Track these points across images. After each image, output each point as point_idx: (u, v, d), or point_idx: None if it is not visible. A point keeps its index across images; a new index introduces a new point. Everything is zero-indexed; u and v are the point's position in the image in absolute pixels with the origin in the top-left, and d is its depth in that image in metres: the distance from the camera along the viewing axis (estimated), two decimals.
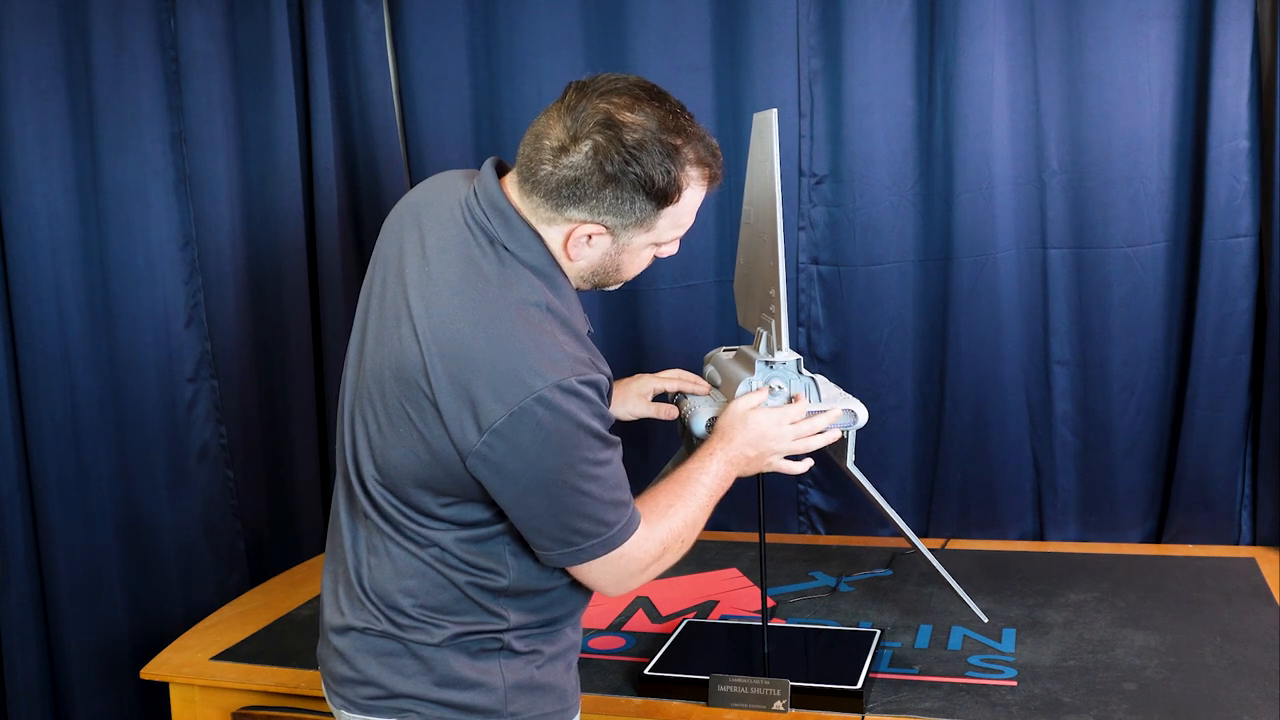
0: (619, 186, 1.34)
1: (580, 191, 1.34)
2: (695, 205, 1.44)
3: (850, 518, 2.73)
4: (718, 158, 1.42)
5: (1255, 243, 2.38)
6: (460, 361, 1.31)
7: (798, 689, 1.80)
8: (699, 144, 1.38)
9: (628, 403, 1.89)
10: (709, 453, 1.54)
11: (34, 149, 2.53)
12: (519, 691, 1.44)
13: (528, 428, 1.29)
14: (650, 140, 1.33)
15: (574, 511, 1.34)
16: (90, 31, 2.57)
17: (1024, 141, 2.48)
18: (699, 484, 1.50)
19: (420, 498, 1.39)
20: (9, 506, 2.55)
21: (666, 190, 1.36)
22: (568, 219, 1.37)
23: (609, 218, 1.37)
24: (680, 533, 1.46)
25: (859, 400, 1.74)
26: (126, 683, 2.67)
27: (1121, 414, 2.51)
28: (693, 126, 1.38)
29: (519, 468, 1.31)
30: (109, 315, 2.64)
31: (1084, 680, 1.84)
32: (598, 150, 1.32)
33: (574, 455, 1.31)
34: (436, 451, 1.34)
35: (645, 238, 1.41)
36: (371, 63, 2.80)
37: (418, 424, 1.34)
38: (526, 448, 1.30)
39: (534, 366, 1.29)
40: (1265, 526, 2.45)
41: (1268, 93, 2.34)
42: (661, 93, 1.38)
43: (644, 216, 1.38)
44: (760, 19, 2.57)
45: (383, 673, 1.44)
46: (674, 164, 1.35)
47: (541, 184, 1.36)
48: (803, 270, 2.65)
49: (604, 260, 1.42)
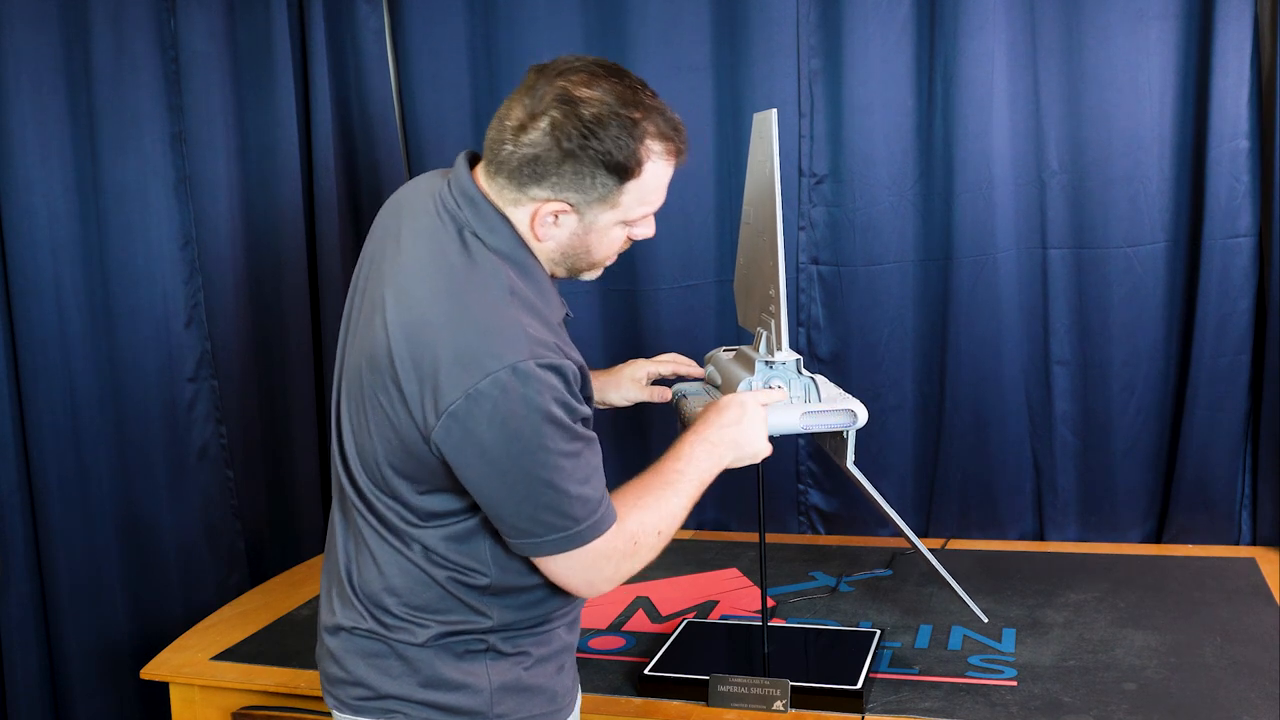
0: (578, 162, 1.34)
1: (541, 169, 1.35)
2: (662, 182, 1.42)
3: (850, 518, 2.73)
4: (680, 132, 1.41)
5: (1255, 243, 2.38)
6: (422, 345, 1.31)
7: (798, 689, 1.80)
8: (659, 118, 1.37)
9: (622, 388, 1.89)
10: (683, 442, 1.52)
11: (34, 149, 2.53)
12: (505, 693, 1.44)
13: (483, 409, 1.28)
14: (608, 114, 1.33)
15: (534, 501, 1.32)
16: (90, 31, 2.57)
17: (1024, 141, 2.48)
18: (673, 474, 1.47)
19: (398, 486, 1.39)
20: (9, 506, 2.55)
21: (626, 164, 1.35)
22: (532, 198, 1.37)
23: (571, 194, 1.36)
24: (656, 525, 1.43)
25: (859, 400, 1.74)
26: (126, 683, 2.67)
27: (1121, 414, 2.51)
28: (652, 101, 1.38)
29: (476, 450, 1.30)
30: (109, 315, 2.64)
31: (1084, 680, 1.84)
32: (555, 126, 1.33)
33: (533, 442, 1.29)
34: (404, 436, 1.34)
35: (612, 215, 1.40)
36: (371, 62, 2.80)
37: (387, 410, 1.35)
38: (483, 430, 1.29)
39: (492, 349, 1.29)
40: (1265, 526, 2.45)
41: (1268, 93, 2.34)
42: (620, 69, 1.38)
43: (606, 192, 1.37)
44: (760, 19, 2.57)
45: (370, 673, 1.44)
46: (632, 138, 1.34)
47: (504, 164, 1.37)
48: (803, 270, 2.65)
49: (573, 240, 1.42)
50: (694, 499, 1.49)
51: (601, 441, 1.53)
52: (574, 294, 2.73)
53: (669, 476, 1.47)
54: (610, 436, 2.75)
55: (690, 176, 2.66)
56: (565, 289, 2.74)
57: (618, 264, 2.72)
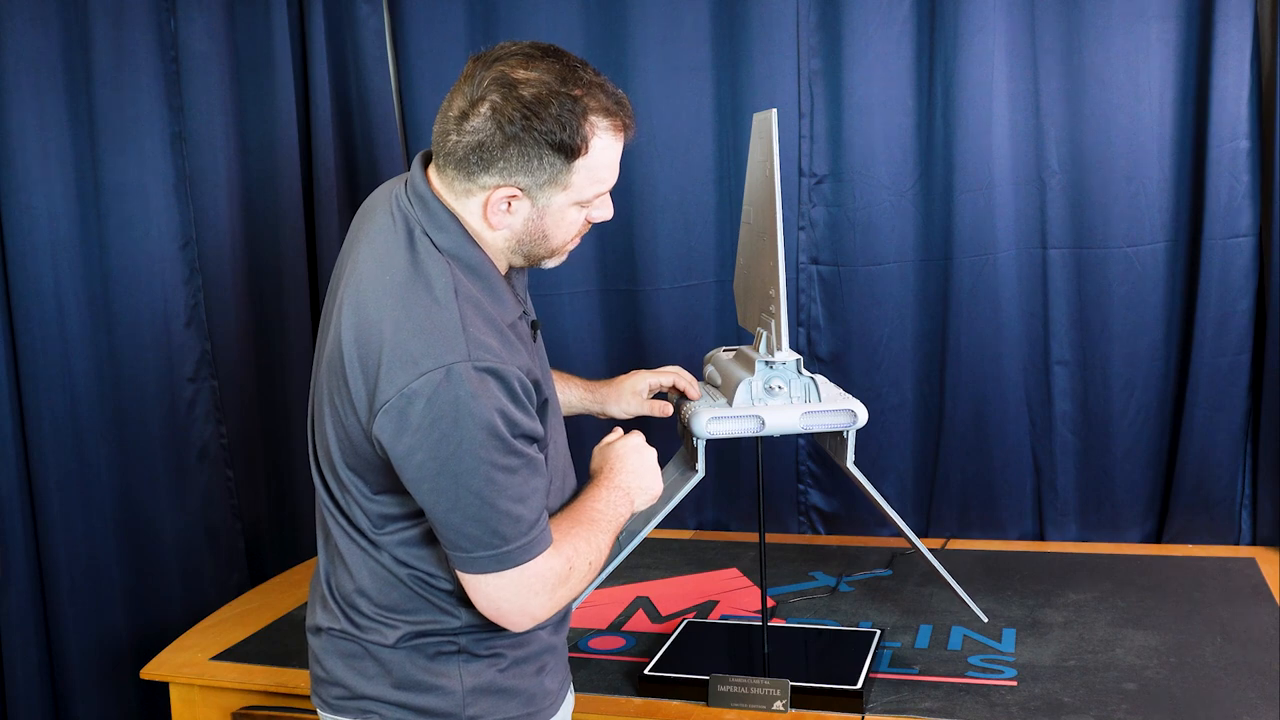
0: (522, 144, 1.32)
1: (487, 155, 1.33)
2: (612, 159, 1.39)
3: (850, 518, 2.73)
4: (624, 106, 1.38)
5: (1255, 243, 2.38)
6: (367, 345, 1.31)
7: (798, 689, 1.80)
8: (600, 93, 1.35)
9: (623, 400, 1.88)
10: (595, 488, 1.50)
11: (34, 149, 2.53)
12: (478, 695, 1.43)
13: (415, 408, 1.27)
14: (548, 94, 1.31)
15: (462, 511, 1.30)
16: (90, 31, 2.57)
17: (1024, 141, 2.48)
18: (595, 513, 1.45)
19: (354, 485, 1.39)
20: (9, 506, 2.55)
21: (572, 142, 1.33)
22: (482, 186, 1.36)
23: (520, 178, 1.34)
24: (587, 555, 1.40)
25: (859, 400, 1.74)
26: (126, 683, 2.67)
27: (1121, 414, 2.51)
28: (594, 78, 1.36)
29: (407, 449, 1.29)
30: (109, 315, 2.64)
31: (1084, 680, 1.84)
32: (495, 110, 1.31)
33: (462, 446, 1.27)
34: (353, 436, 1.35)
35: (565, 196, 1.38)
36: (371, 63, 2.80)
37: (340, 410, 1.36)
38: (414, 429, 1.28)
39: (429, 349, 1.28)
40: (1265, 526, 2.45)
41: (1268, 93, 2.34)
42: (558, 50, 1.36)
43: (555, 173, 1.35)
44: (760, 19, 2.57)
45: (348, 674, 1.45)
46: (575, 115, 1.32)
47: (451, 155, 1.36)
48: (803, 270, 2.65)
49: (528, 227, 1.39)
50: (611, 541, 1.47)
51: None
52: (574, 294, 2.75)
53: (594, 516, 1.45)
54: None
55: (690, 176, 2.67)
56: (563, 289, 2.76)
57: (618, 264, 2.75)
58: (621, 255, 2.73)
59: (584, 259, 2.74)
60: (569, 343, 2.74)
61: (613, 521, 1.47)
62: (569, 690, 1.60)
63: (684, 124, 2.65)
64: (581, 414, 1.91)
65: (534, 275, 1.74)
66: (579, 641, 2.11)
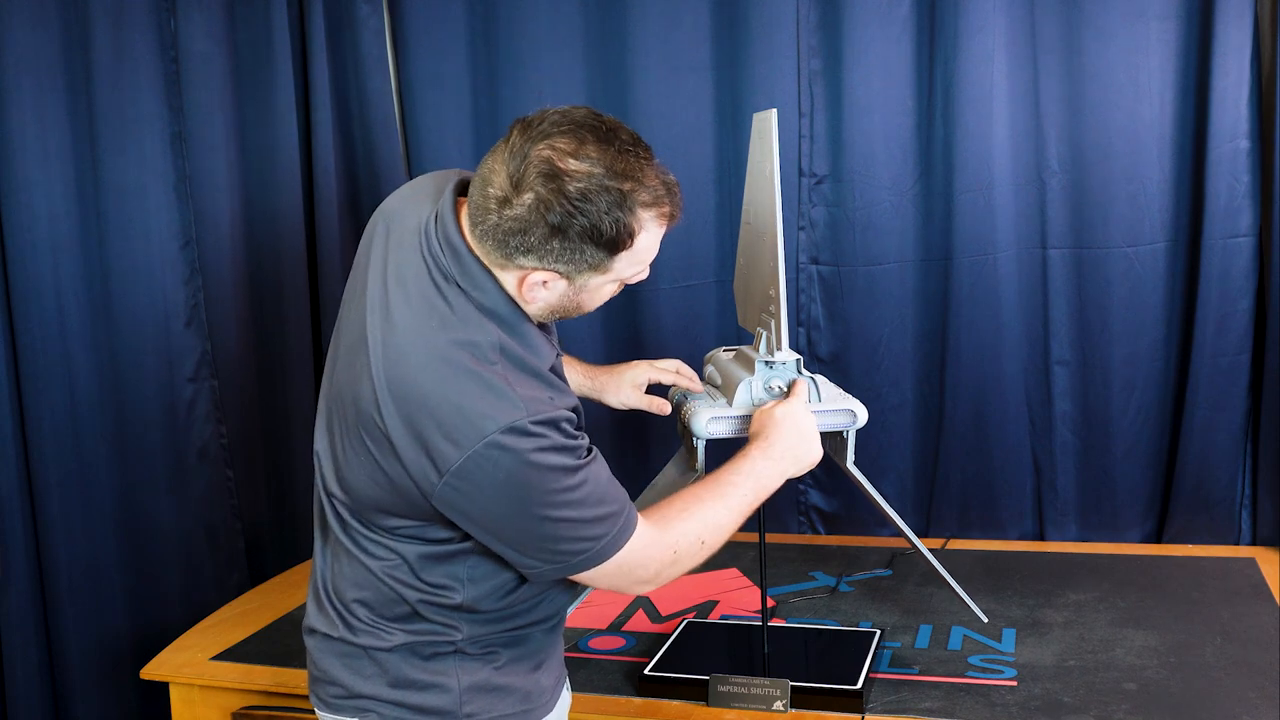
0: (565, 238, 1.28)
1: (527, 242, 1.29)
2: (654, 244, 1.36)
3: (850, 518, 2.73)
4: (675, 195, 1.34)
5: (1255, 243, 2.38)
6: (411, 402, 1.30)
7: (798, 689, 1.80)
8: (652, 184, 1.30)
9: (621, 391, 1.89)
10: (743, 455, 1.53)
11: (34, 149, 2.53)
12: (475, 692, 1.44)
13: (485, 471, 1.27)
14: (595, 189, 1.26)
15: (553, 537, 1.33)
16: (90, 31, 2.57)
17: (1024, 141, 2.47)
18: (728, 485, 1.48)
19: (384, 520, 1.39)
20: (9, 506, 2.55)
21: (616, 239, 1.29)
22: (519, 266, 1.33)
23: (560, 265, 1.31)
24: (699, 534, 1.44)
25: (859, 400, 1.74)
26: (126, 683, 2.67)
27: (1121, 414, 2.51)
28: (645, 166, 1.30)
29: (485, 507, 1.31)
30: (109, 315, 2.64)
31: (1084, 680, 1.84)
32: (540, 202, 1.26)
33: (539, 491, 1.29)
34: (398, 486, 1.33)
35: (603, 279, 1.36)
36: (371, 63, 2.80)
37: (376, 456, 1.34)
38: (488, 489, 1.29)
39: (484, 410, 1.27)
40: (1265, 526, 2.45)
41: (1268, 93, 2.34)
42: (611, 130, 1.30)
43: (597, 262, 1.32)
44: (760, 19, 2.57)
45: (344, 673, 1.46)
46: (623, 210, 1.28)
47: (490, 233, 1.31)
48: (803, 270, 2.65)
49: (563, 301, 1.38)
50: (747, 510, 1.50)
51: (600, 447, 1.53)
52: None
53: (723, 488, 1.48)
54: (609, 442, 2.76)
55: (690, 176, 2.66)
56: None
57: None
58: None
59: None
60: (569, 342, 2.72)
61: (750, 491, 1.50)
62: (565, 687, 1.60)
63: (684, 124, 2.65)
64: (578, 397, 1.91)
65: None
66: (579, 641, 2.11)
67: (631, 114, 2.65)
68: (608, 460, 1.43)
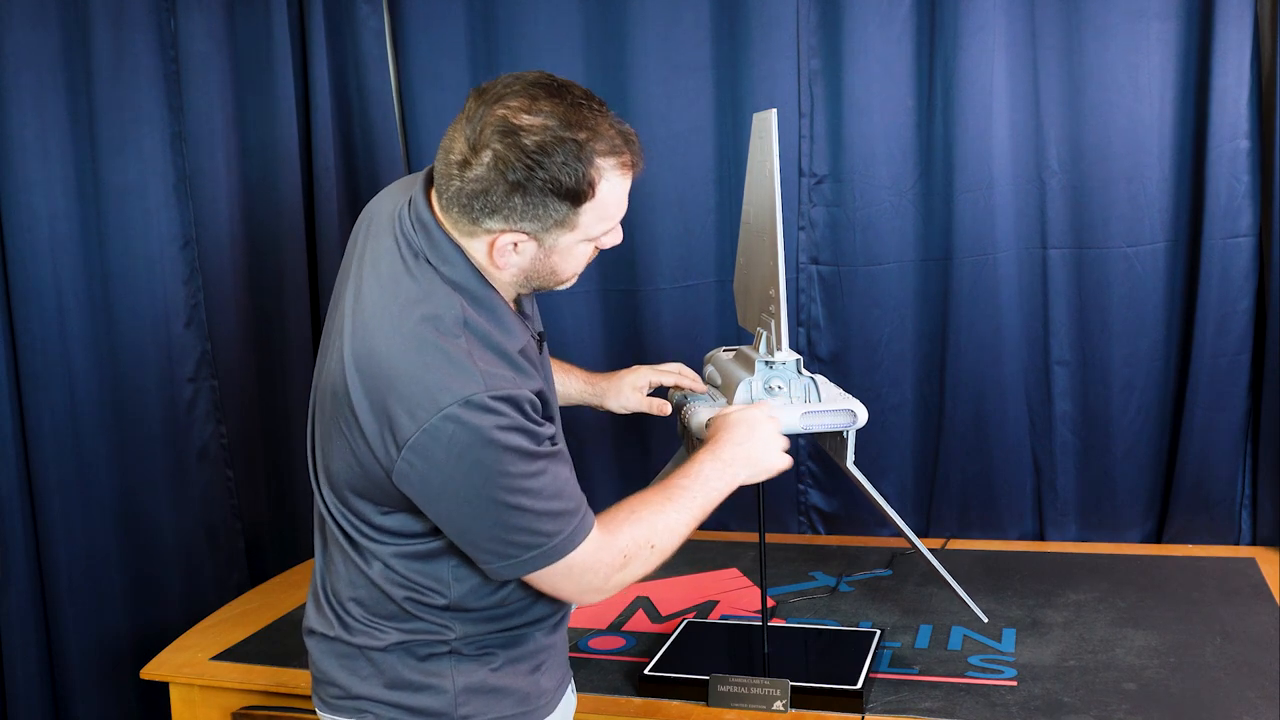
0: (527, 193, 1.29)
1: (491, 203, 1.31)
2: (620, 196, 1.37)
3: (850, 518, 2.73)
4: (631, 143, 1.35)
5: (1255, 243, 2.38)
6: (375, 378, 1.31)
7: (798, 689, 1.80)
8: (606, 131, 1.32)
9: (622, 395, 1.88)
10: (696, 459, 1.52)
11: (34, 149, 2.54)
12: (470, 694, 1.44)
13: (440, 445, 1.27)
14: (551, 142, 1.28)
15: (505, 525, 1.32)
16: (90, 31, 2.57)
17: (1024, 141, 2.47)
18: (676, 489, 1.47)
19: (361, 506, 1.39)
20: (9, 506, 2.55)
21: (578, 189, 1.30)
22: (486, 230, 1.34)
23: (526, 224, 1.32)
24: (648, 538, 1.42)
25: (859, 400, 1.74)
26: (126, 683, 2.67)
27: (1121, 414, 2.51)
28: (599, 117, 1.32)
29: (440, 484, 1.30)
30: (109, 315, 2.64)
31: (1084, 680, 1.84)
32: (498, 159, 1.28)
33: (493, 471, 1.28)
34: (365, 465, 1.34)
35: (572, 236, 1.36)
36: (371, 62, 2.80)
37: (348, 437, 1.35)
38: (443, 465, 1.28)
39: (444, 383, 1.27)
40: (1265, 526, 2.45)
41: (1268, 93, 2.34)
42: (563, 85, 1.32)
43: (562, 217, 1.33)
44: (760, 19, 2.57)
45: (341, 674, 1.46)
46: (581, 160, 1.29)
47: (454, 200, 1.33)
48: (803, 270, 2.65)
49: (535, 265, 1.38)
50: (699, 514, 1.48)
51: (601, 449, 1.53)
52: (573, 294, 2.74)
53: (672, 492, 1.46)
54: (610, 445, 2.74)
55: (690, 176, 2.67)
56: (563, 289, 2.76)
57: (618, 264, 2.75)
58: (621, 255, 2.73)
59: None
60: (569, 343, 2.74)
61: (700, 497, 1.47)
62: (569, 688, 1.60)
63: (684, 124, 2.65)
64: (579, 405, 1.91)
65: None
66: (579, 642, 2.11)
67: (631, 114, 2.65)
68: (608, 460, 1.43)
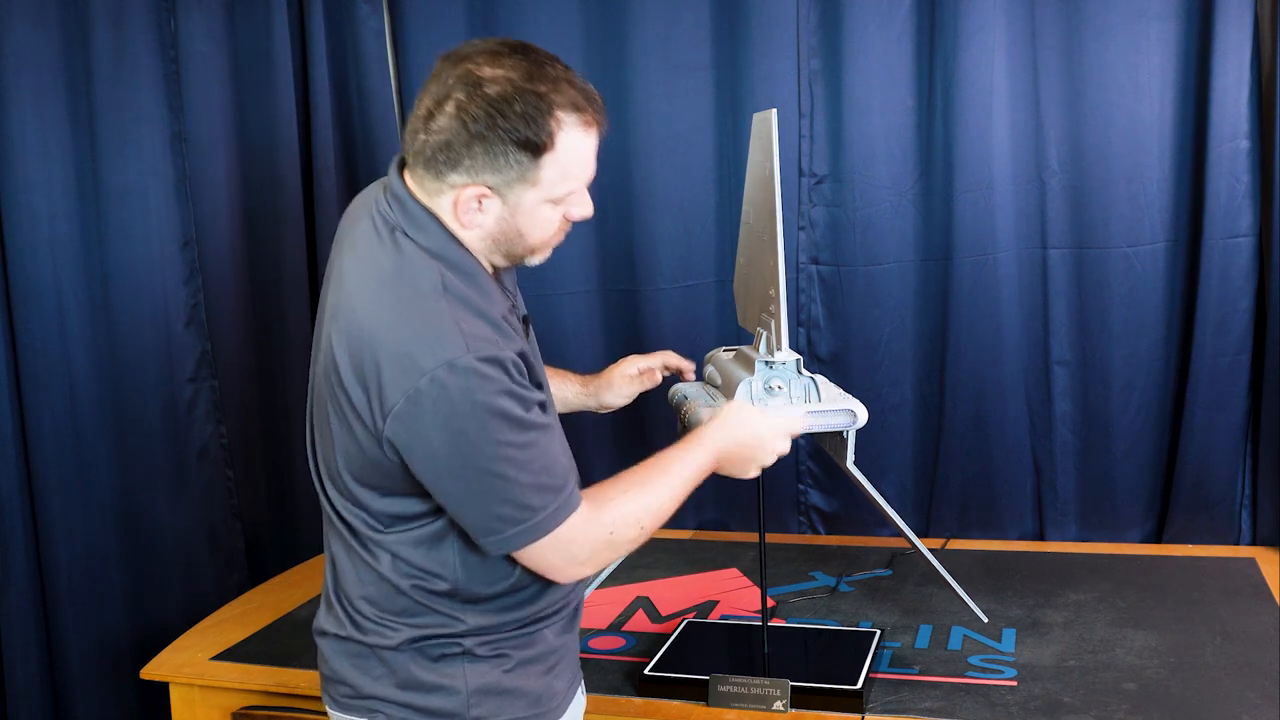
0: (487, 142, 1.31)
1: (454, 154, 1.33)
2: (583, 156, 1.37)
3: (850, 518, 2.73)
4: (593, 100, 1.36)
5: (1255, 243, 2.38)
6: (360, 349, 1.32)
7: (798, 689, 1.80)
8: (568, 88, 1.34)
9: (614, 387, 1.89)
10: (694, 441, 1.52)
11: (34, 149, 2.54)
12: (484, 695, 1.43)
13: (425, 409, 1.28)
14: (512, 91, 1.30)
15: (491, 495, 1.32)
16: (90, 31, 2.57)
17: (1024, 141, 2.47)
18: (670, 470, 1.47)
19: (362, 495, 1.39)
20: (9, 506, 2.55)
21: (538, 139, 1.32)
22: (450, 185, 1.36)
23: (488, 176, 1.34)
24: (638, 518, 1.42)
25: (858, 400, 1.74)
26: (126, 683, 2.67)
27: (1121, 414, 2.51)
28: (561, 73, 1.34)
29: (425, 450, 1.30)
30: (109, 315, 2.64)
31: (1084, 680, 1.84)
32: (460, 108, 1.31)
33: (480, 436, 1.29)
34: (361, 443, 1.35)
35: (535, 194, 1.36)
36: (371, 62, 2.80)
37: (343, 414, 1.35)
38: (429, 429, 1.29)
39: (427, 347, 1.28)
40: (1265, 526, 2.45)
41: (1268, 93, 2.34)
42: (526, 47, 1.35)
43: (523, 170, 1.34)
44: (760, 19, 2.57)
45: (353, 673, 1.46)
46: (540, 110, 1.31)
47: (420, 154, 1.36)
48: (803, 270, 2.65)
49: (500, 225, 1.39)
50: (682, 498, 1.48)
51: (601, 442, 1.53)
52: (574, 294, 2.74)
53: (658, 468, 1.47)
54: (610, 442, 2.74)
55: (690, 176, 2.67)
56: (563, 289, 2.76)
57: (618, 264, 2.75)
58: (621, 255, 2.73)
59: (584, 259, 2.75)
60: (569, 343, 2.74)
61: (689, 480, 1.48)
62: (579, 690, 1.60)
63: (684, 124, 2.65)
64: (580, 410, 1.91)
65: (530, 275, 1.74)
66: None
67: (631, 114, 2.65)
68: (608, 459, 1.43)
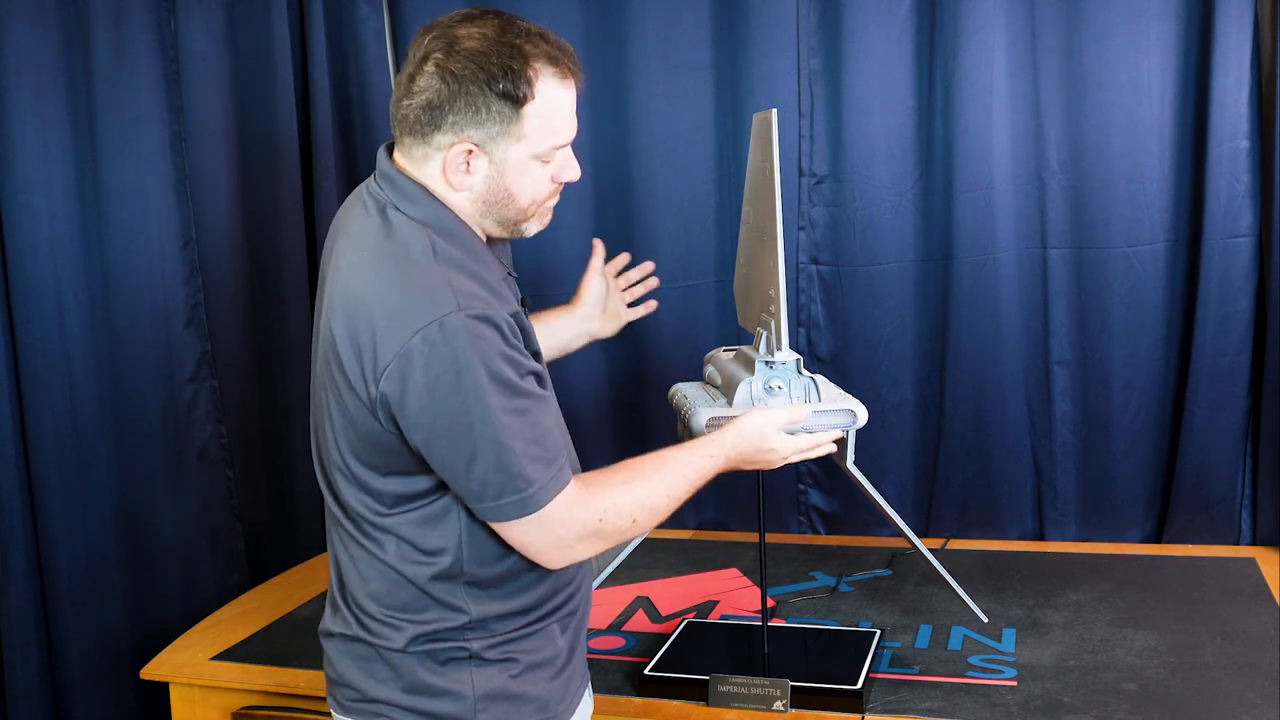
0: (469, 95, 1.34)
1: (437, 113, 1.35)
2: (563, 108, 1.40)
3: (850, 518, 2.73)
4: (568, 53, 1.40)
5: (1255, 243, 2.38)
6: (355, 318, 1.33)
7: (798, 689, 1.80)
8: (542, 42, 1.37)
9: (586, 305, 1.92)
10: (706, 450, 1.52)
11: (34, 149, 2.54)
12: (490, 700, 1.43)
13: (416, 366, 1.28)
14: (489, 45, 1.34)
15: (482, 460, 1.31)
16: (90, 31, 2.57)
17: (1024, 141, 2.47)
18: (673, 469, 1.47)
19: (364, 474, 1.39)
20: (9, 506, 2.55)
21: (516, 88, 1.34)
22: (436, 146, 1.38)
23: (472, 130, 1.36)
24: (630, 510, 1.42)
25: (858, 400, 1.74)
26: (126, 683, 2.67)
27: (1121, 414, 2.51)
28: (536, 30, 1.38)
29: (418, 409, 1.30)
30: (109, 315, 2.64)
31: (1084, 680, 1.84)
32: (439, 66, 1.34)
33: (470, 395, 1.29)
34: (356, 418, 1.35)
35: (520, 149, 1.38)
36: (371, 63, 2.80)
37: (341, 393, 1.36)
38: (420, 387, 1.29)
39: (418, 305, 1.29)
40: (1265, 526, 2.45)
41: (1268, 93, 2.34)
42: (503, 13, 1.38)
43: (506, 122, 1.36)
44: (760, 19, 2.57)
45: (359, 677, 1.46)
46: (516, 60, 1.34)
47: (404, 121, 1.38)
48: (803, 270, 2.65)
49: (489, 185, 1.40)
50: (682, 500, 1.48)
51: (601, 442, 1.52)
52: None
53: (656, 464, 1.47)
54: (610, 440, 2.75)
55: (690, 176, 2.67)
56: (563, 288, 2.75)
57: None
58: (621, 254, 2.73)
59: (583, 259, 2.74)
60: None
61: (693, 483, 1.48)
62: (586, 693, 1.59)
63: (684, 124, 2.65)
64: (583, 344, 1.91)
65: (530, 275, 1.74)
66: None
67: (631, 114, 2.65)
68: (608, 459, 1.43)
